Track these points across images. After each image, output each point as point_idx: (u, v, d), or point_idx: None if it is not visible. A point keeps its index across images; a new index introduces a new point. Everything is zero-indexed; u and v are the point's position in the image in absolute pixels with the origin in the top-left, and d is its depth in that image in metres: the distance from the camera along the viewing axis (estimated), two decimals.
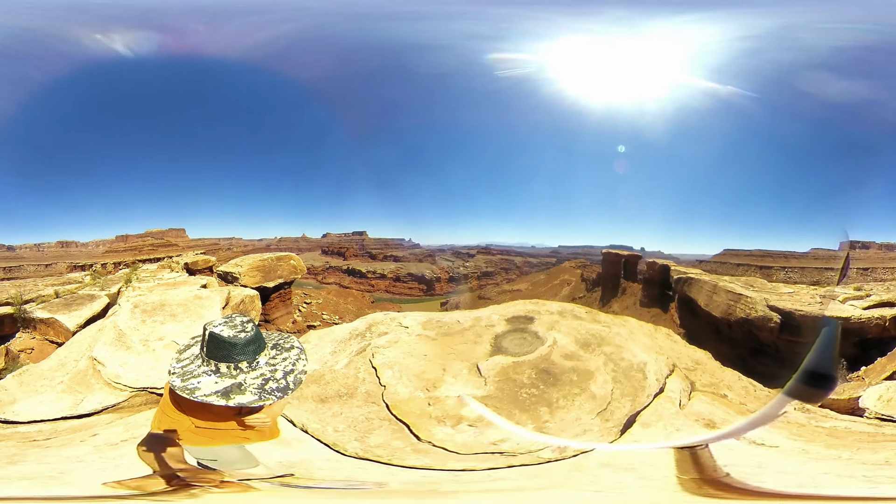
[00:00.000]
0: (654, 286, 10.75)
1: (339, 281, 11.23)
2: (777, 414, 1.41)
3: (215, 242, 10.17)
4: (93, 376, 4.66)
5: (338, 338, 6.84)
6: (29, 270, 9.29)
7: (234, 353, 1.80)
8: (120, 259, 9.39)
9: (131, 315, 6.23)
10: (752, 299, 9.12)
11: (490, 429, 4.73)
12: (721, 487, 2.22)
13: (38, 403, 4.26)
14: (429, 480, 3.77)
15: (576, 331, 6.74)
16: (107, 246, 9.40)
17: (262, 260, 10.31)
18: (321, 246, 11.35)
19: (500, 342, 6.53)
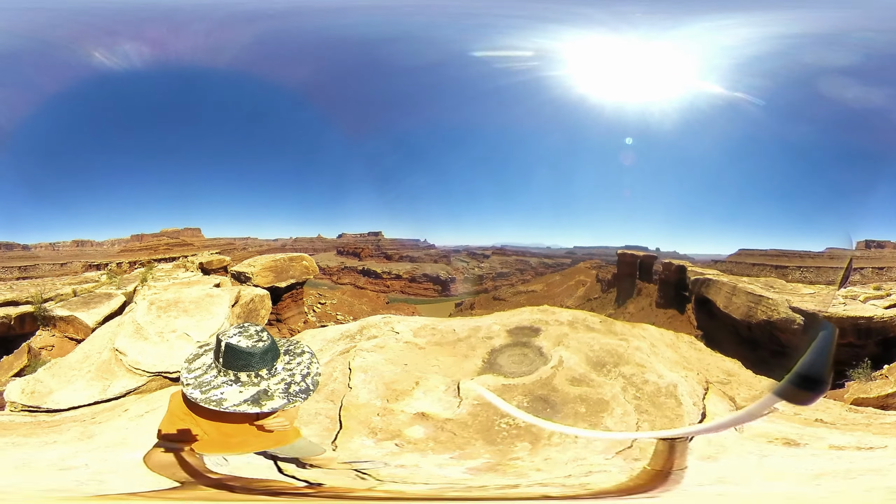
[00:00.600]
0: (671, 287, 10.86)
1: (354, 281, 11.49)
2: (763, 413, 1.48)
3: (230, 242, 10.46)
4: (116, 365, 5.32)
5: (328, 337, 6.96)
6: (44, 269, 9.60)
7: (253, 362, 1.88)
8: (135, 258, 9.61)
9: (148, 311, 6.77)
10: (773, 301, 9.12)
11: (397, 459, 3.99)
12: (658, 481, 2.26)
13: (72, 392, 4.87)
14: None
15: (588, 347, 6.24)
16: (122, 245, 9.62)
17: (274, 260, 10.58)
18: (336, 246, 11.64)
19: (496, 358, 6.13)
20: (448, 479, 3.69)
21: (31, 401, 4.74)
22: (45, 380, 5.16)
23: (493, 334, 6.76)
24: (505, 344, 6.45)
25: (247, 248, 10.52)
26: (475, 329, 6.97)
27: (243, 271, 10.11)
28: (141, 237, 9.80)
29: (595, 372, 5.62)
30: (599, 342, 6.43)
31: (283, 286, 10.48)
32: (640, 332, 7.56)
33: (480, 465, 3.89)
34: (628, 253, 11.16)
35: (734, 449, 4.23)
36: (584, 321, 7.48)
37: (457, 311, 11.45)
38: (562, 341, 6.40)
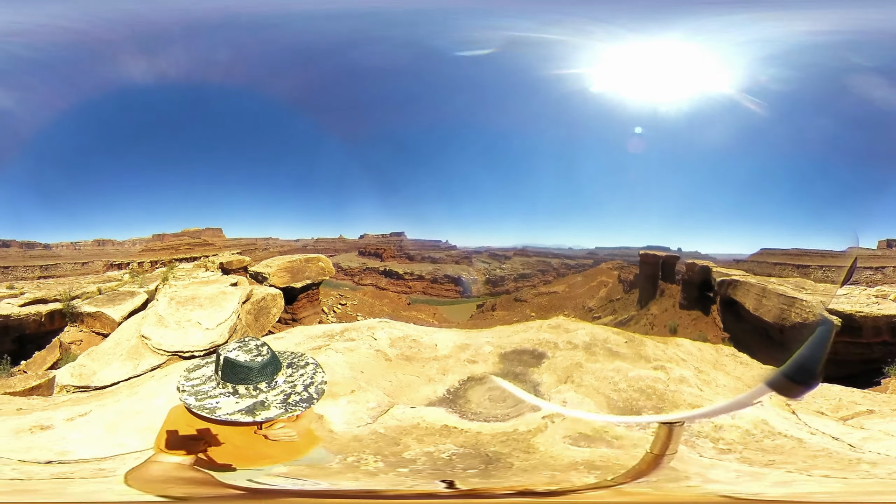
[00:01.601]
0: (694, 288, 11.19)
1: (375, 282, 11.90)
2: (753, 402, 1.64)
3: (252, 242, 10.95)
4: (143, 348, 6.61)
5: (311, 334, 7.23)
6: (65, 269, 10.08)
7: (252, 375, 1.94)
8: (156, 258, 10.10)
9: (168, 305, 7.88)
10: (808, 303, 9.17)
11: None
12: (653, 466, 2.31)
13: (111, 371, 6.12)
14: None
15: (610, 384, 5.18)
16: (143, 244, 10.14)
17: (290, 261, 11.00)
18: (358, 247, 12.15)
19: (467, 391, 5.34)
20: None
21: (80, 382, 5.97)
22: (87, 364, 6.41)
23: (480, 357, 6.13)
24: (491, 373, 5.75)
25: (268, 248, 11.02)
26: (462, 347, 6.41)
27: (260, 271, 10.57)
28: (162, 237, 10.33)
29: (624, 421, 4.44)
30: (627, 376, 5.37)
31: (299, 286, 10.96)
32: (676, 350, 6.81)
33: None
34: (650, 253, 11.62)
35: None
36: (605, 343, 6.57)
37: (478, 313, 11.87)
38: (572, 376, 5.41)
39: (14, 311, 8.06)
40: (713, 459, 3.99)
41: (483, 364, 6.06)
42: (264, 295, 9.73)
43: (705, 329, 11.05)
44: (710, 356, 7.19)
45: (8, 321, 7.98)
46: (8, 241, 9.79)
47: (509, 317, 11.37)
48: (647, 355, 6.30)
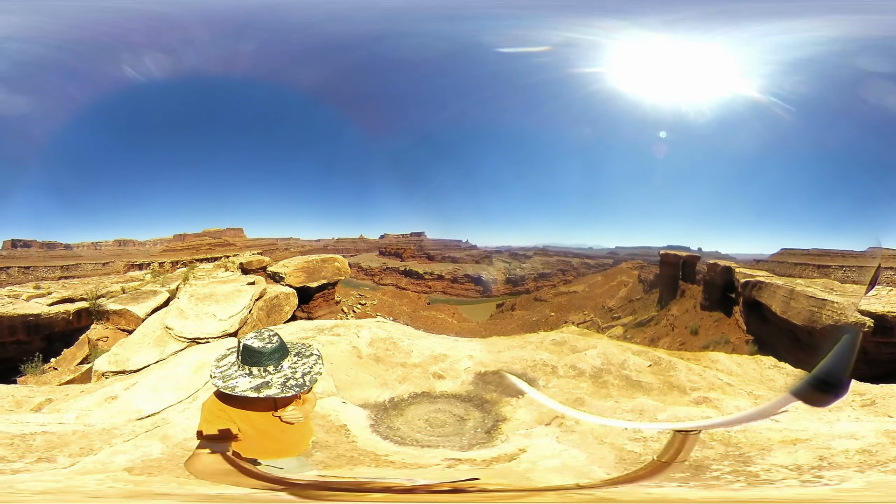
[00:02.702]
0: (716, 289, 11.52)
1: (395, 282, 12.45)
2: (777, 411, 1.75)
3: (273, 242, 11.59)
4: (167, 337, 7.68)
5: (306, 327, 7.77)
6: (86, 269, 10.67)
7: (263, 359, 2.44)
8: (177, 258, 10.67)
9: (188, 300, 8.89)
10: (839, 305, 9.31)
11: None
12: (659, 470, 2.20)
13: (141, 357, 7.11)
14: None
15: (623, 433, 4.09)
16: (164, 244, 10.73)
17: (307, 262, 11.41)
18: (379, 247, 12.71)
19: (409, 405, 5.12)
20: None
21: (117, 367, 6.92)
22: (121, 353, 7.35)
23: (451, 373, 5.81)
24: (452, 393, 5.39)
25: (289, 248, 11.65)
26: (437, 358, 6.17)
27: (278, 271, 11.01)
28: (183, 237, 10.88)
29: (636, 427, 4.22)
30: (657, 419, 4.55)
31: (315, 286, 11.48)
32: (714, 370, 6.11)
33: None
34: (671, 253, 12.06)
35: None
36: (622, 368, 5.78)
37: (497, 312, 12.30)
38: (564, 423, 4.47)
39: (43, 311, 8.67)
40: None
41: (451, 381, 5.72)
42: (277, 293, 10.36)
43: (728, 331, 11.34)
44: (753, 371, 6.82)
45: (38, 320, 8.57)
46: (29, 241, 10.48)
47: (528, 316, 11.89)
48: (680, 383, 5.44)
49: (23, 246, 10.29)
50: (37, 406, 5.45)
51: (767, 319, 10.76)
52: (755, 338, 11.01)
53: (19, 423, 4.41)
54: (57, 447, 3.97)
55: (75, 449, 3.97)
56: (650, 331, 11.78)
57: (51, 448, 3.95)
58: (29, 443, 3.97)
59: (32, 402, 5.54)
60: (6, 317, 8.47)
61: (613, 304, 12.25)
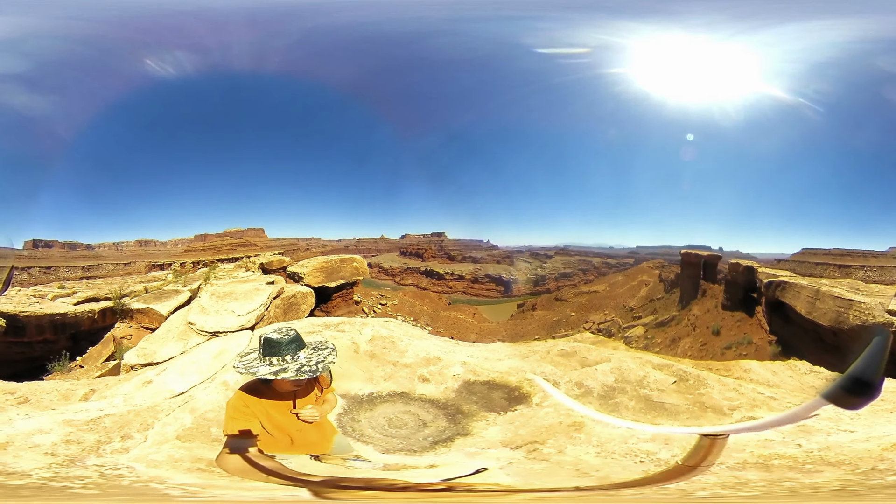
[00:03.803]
0: (739, 289, 11.89)
1: (416, 282, 12.93)
2: (809, 415, 1.80)
3: (294, 242, 12.11)
4: (189, 331, 8.44)
5: (315, 323, 7.92)
6: (108, 269, 11.10)
7: (281, 349, 2.80)
8: (198, 258, 11.13)
9: (209, 299, 9.59)
10: (867, 305, 9.47)
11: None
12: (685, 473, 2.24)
13: (167, 349, 7.80)
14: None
15: (634, 458, 3.85)
16: (185, 245, 11.21)
17: (325, 262, 11.78)
18: (400, 247, 13.27)
19: (382, 403, 5.26)
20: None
21: (145, 360, 7.46)
22: (147, 347, 7.96)
23: (438, 378, 5.85)
24: (430, 399, 5.41)
25: (310, 248, 12.10)
26: (431, 360, 6.24)
27: (297, 271, 11.33)
28: (205, 237, 11.36)
29: (660, 432, 4.19)
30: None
31: (333, 286, 11.84)
32: (750, 382, 5.89)
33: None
34: (692, 253, 12.47)
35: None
36: (641, 385, 5.43)
37: (518, 312, 12.70)
38: (545, 441, 4.33)
39: (69, 310, 9.11)
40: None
41: (434, 386, 5.71)
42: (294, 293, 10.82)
43: (750, 331, 11.63)
44: (791, 379, 6.74)
45: (64, 319, 9.01)
46: (50, 241, 11.01)
47: (549, 316, 12.19)
48: (715, 403, 5.04)
49: (44, 246, 10.79)
50: (83, 396, 5.95)
51: (791, 320, 11.03)
52: (778, 338, 11.33)
53: (82, 412, 4.92)
54: (125, 426, 4.50)
55: (136, 425, 4.52)
56: (671, 331, 12.08)
57: (122, 427, 4.45)
58: (102, 425, 4.47)
59: (78, 394, 6.03)
60: (34, 316, 8.94)
61: (634, 304, 12.56)
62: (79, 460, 3.86)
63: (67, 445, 4.13)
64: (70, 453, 4.00)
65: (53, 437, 4.21)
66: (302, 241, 11.93)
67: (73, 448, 4.10)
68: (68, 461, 3.83)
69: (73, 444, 4.16)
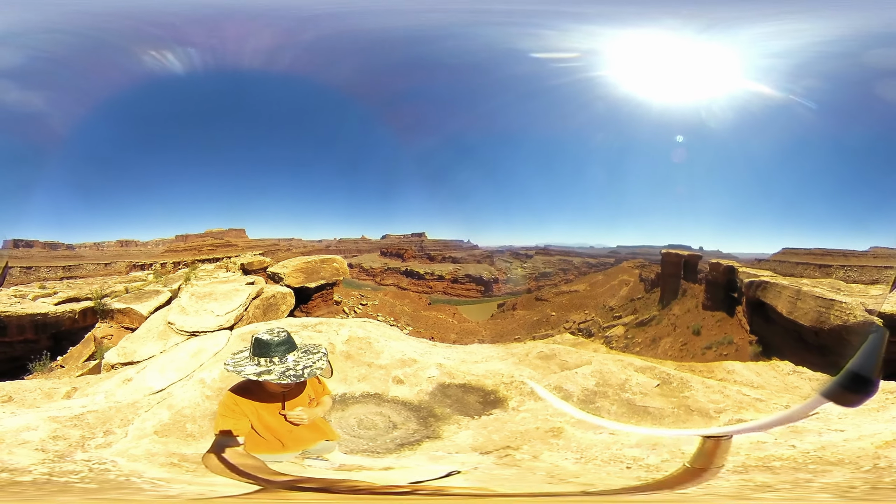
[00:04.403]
0: (719, 288, 12.22)
1: (397, 282, 13.31)
2: (808, 414, 1.83)
3: (275, 243, 12.41)
4: (169, 331, 8.83)
5: (292, 323, 8.24)
6: (88, 269, 11.40)
7: (270, 350, 2.86)
8: (179, 259, 11.41)
9: (189, 299, 9.97)
10: (848, 305, 9.67)
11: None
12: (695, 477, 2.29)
13: (147, 349, 8.20)
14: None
15: (619, 464, 3.88)
16: (166, 245, 11.48)
17: (305, 262, 12.06)
18: (380, 247, 13.70)
19: (353, 404, 5.34)
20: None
21: (125, 359, 7.81)
22: (128, 346, 8.32)
23: (413, 381, 5.95)
24: (402, 401, 5.46)
25: (291, 248, 12.39)
26: (407, 362, 6.37)
27: (277, 272, 11.62)
28: (185, 237, 11.65)
29: (663, 434, 4.20)
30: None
31: (313, 286, 12.08)
32: (734, 384, 6.01)
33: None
34: (673, 252, 12.82)
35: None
36: (623, 389, 5.44)
37: (498, 312, 13.10)
38: (519, 447, 4.33)
39: (50, 310, 9.47)
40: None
41: (409, 388, 5.77)
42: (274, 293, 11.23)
43: (731, 331, 11.94)
44: (775, 380, 6.93)
45: (45, 319, 9.36)
46: (31, 241, 11.37)
47: (530, 316, 12.55)
48: (701, 406, 5.10)
49: (25, 246, 11.14)
50: (66, 394, 6.35)
51: (772, 320, 11.30)
52: (759, 338, 11.61)
53: (66, 409, 5.25)
54: (107, 421, 4.84)
55: (118, 421, 4.85)
56: (652, 330, 12.43)
57: (104, 422, 4.79)
58: (86, 421, 4.79)
59: (61, 392, 6.42)
60: (15, 316, 9.32)
61: (615, 304, 12.93)
62: (67, 455, 4.12)
63: (55, 441, 4.44)
64: (59, 449, 4.28)
65: (41, 434, 4.53)
66: (283, 241, 12.31)
67: (60, 444, 4.40)
68: (58, 456, 4.09)
69: (61, 440, 4.47)
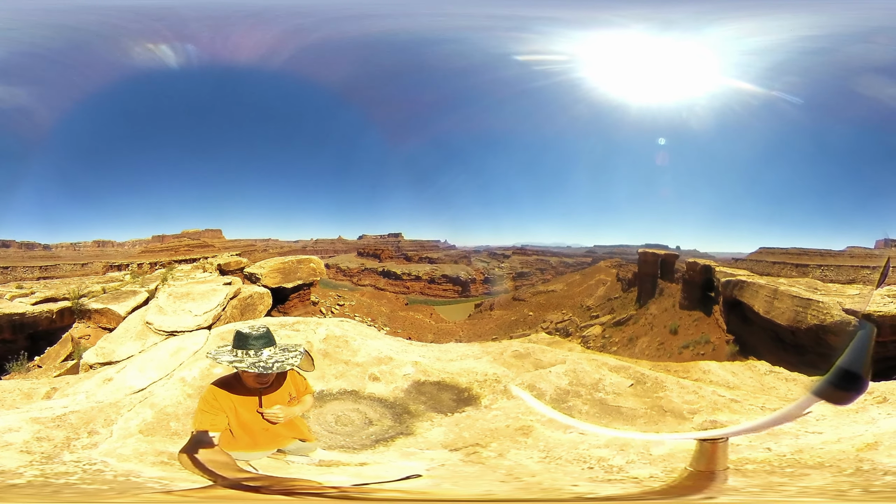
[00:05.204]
0: (696, 288, 12.73)
1: (374, 283, 13.86)
2: (801, 413, 1.89)
3: (251, 244, 12.86)
4: (147, 330, 9.19)
5: (269, 322, 8.26)
6: (65, 269, 11.80)
7: (247, 343, 2.99)
8: (156, 259, 11.83)
9: (167, 299, 10.34)
10: (825, 304, 10.05)
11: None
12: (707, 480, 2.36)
13: (125, 348, 8.51)
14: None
15: (582, 466, 4.09)
16: (143, 246, 11.89)
17: (282, 263, 12.71)
18: (357, 248, 14.33)
19: (330, 401, 5.60)
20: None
21: (104, 359, 8.03)
22: (106, 346, 8.61)
23: (388, 378, 6.24)
24: (378, 398, 5.74)
25: (268, 249, 12.84)
26: (383, 360, 6.67)
27: (254, 272, 12.17)
28: (162, 238, 12.09)
29: (655, 439, 4.35)
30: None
31: (290, 287, 12.65)
32: (710, 384, 6.22)
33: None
34: (650, 252, 13.36)
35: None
36: (595, 389, 5.73)
37: (476, 312, 13.65)
38: (487, 445, 4.58)
39: (28, 310, 9.96)
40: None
41: (384, 385, 6.04)
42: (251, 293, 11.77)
43: (708, 330, 12.44)
44: (751, 380, 7.10)
45: (23, 319, 9.81)
46: (8, 241, 11.85)
47: (507, 316, 13.03)
48: (675, 407, 5.23)
49: (1, 246, 11.60)
50: (46, 395, 6.75)
51: (749, 319, 11.74)
52: (736, 338, 12.09)
53: (47, 409, 5.48)
54: (90, 421, 5.07)
55: (101, 421, 5.09)
56: (629, 330, 12.91)
57: (87, 422, 5.03)
58: (69, 421, 5.00)
59: (41, 393, 6.76)
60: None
61: (592, 303, 13.43)
62: (55, 457, 4.25)
63: (39, 443, 4.59)
64: (44, 450, 4.42)
65: (24, 435, 4.68)
66: (260, 242, 12.83)
67: (45, 445, 4.55)
68: (46, 458, 4.23)
69: (45, 441, 4.61)
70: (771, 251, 12.35)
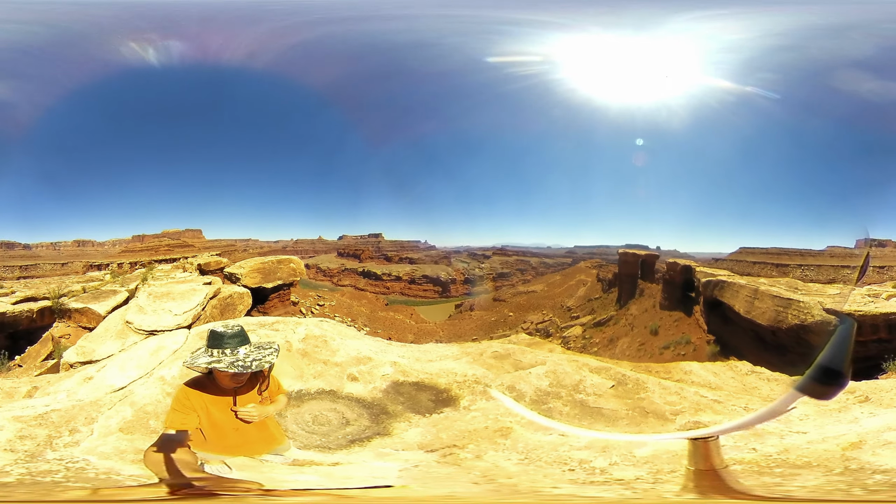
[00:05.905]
0: (676, 288, 13.12)
1: (354, 283, 14.27)
2: (786, 409, 1.98)
3: (231, 244, 13.31)
4: (127, 330, 9.61)
5: (249, 322, 8.90)
6: (45, 269, 12.02)
7: (223, 342, 3.14)
8: (136, 259, 12.20)
9: (147, 298, 10.80)
10: (805, 304, 10.26)
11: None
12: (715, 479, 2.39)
13: (105, 347, 8.92)
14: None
15: (562, 467, 4.13)
16: (123, 245, 12.22)
17: (262, 263, 13.01)
18: (337, 248, 14.70)
19: (308, 401, 5.67)
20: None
21: (84, 358, 8.42)
22: (86, 345, 9.07)
23: (367, 378, 6.37)
24: (356, 398, 5.87)
25: (248, 249, 13.26)
26: (362, 360, 6.84)
27: (234, 272, 12.53)
28: (142, 238, 12.46)
29: (640, 440, 4.43)
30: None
31: (270, 287, 12.98)
32: (692, 385, 6.34)
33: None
34: (630, 252, 13.75)
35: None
36: (576, 390, 5.73)
37: (456, 313, 14.07)
38: (464, 447, 4.64)
39: (8, 309, 10.35)
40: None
41: (363, 385, 6.21)
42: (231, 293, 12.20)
43: (688, 331, 12.80)
44: (733, 380, 7.27)
45: (3, 318, 10.05)
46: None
47: (487, 316, 13.49)
48: (657, 408, 5.36)
49: None
50: (27, 394, 7.04)
51: (730, 319, 11.99)
52: (717, 338, 12.42)
53: (29, 408, 5.81)
54: (71, 420, 5.41)
55: (82, 419, 5.42)
56: (609, 330, 13.33)
57: (69, 421, 5.36)
58: (50, 420, 5.33)
59: (22, 392, 6.92)
60: None
61: (572, 304, 13.91)
62: (39, 455, 4.44)
63: (23, 441, 4.80)
64: (28, 449, 4.62)
65: (7, 434, 4.89)
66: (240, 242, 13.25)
67: (28, 443, 4.76)
68: (30, 456, 4.41)
69: (28, 440, 4.83)
70: (751, 251, 12.66)
